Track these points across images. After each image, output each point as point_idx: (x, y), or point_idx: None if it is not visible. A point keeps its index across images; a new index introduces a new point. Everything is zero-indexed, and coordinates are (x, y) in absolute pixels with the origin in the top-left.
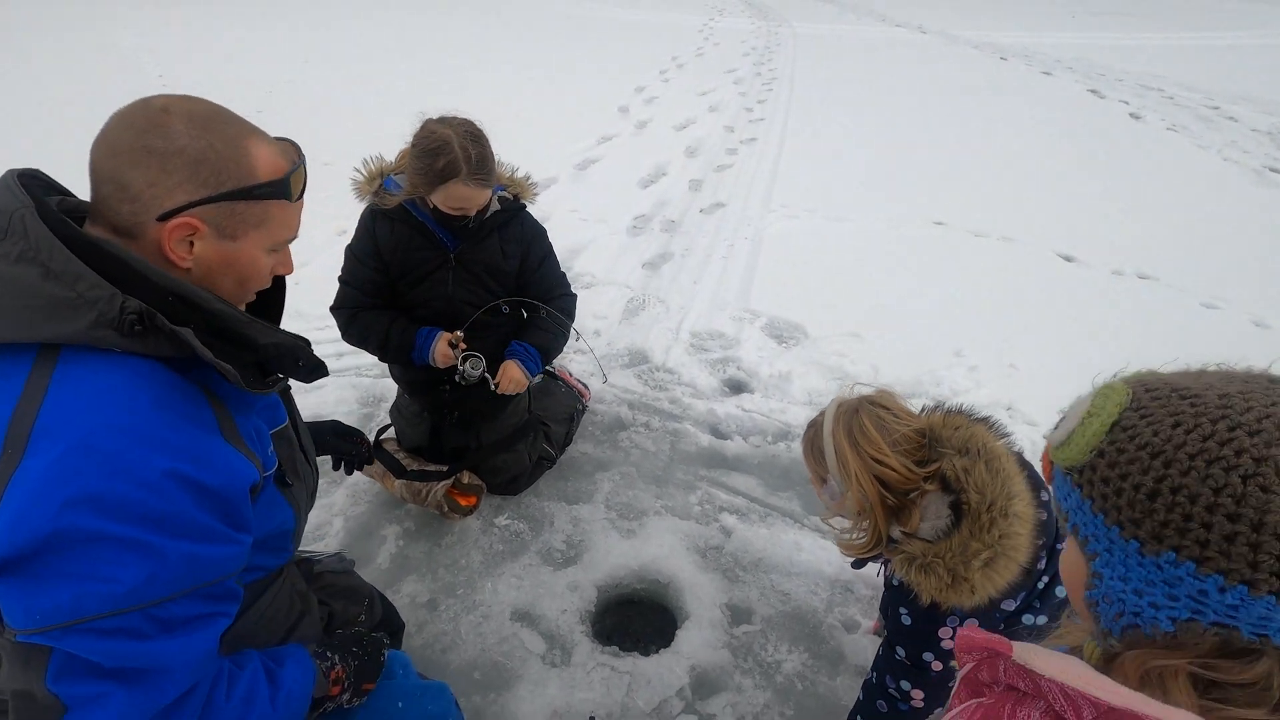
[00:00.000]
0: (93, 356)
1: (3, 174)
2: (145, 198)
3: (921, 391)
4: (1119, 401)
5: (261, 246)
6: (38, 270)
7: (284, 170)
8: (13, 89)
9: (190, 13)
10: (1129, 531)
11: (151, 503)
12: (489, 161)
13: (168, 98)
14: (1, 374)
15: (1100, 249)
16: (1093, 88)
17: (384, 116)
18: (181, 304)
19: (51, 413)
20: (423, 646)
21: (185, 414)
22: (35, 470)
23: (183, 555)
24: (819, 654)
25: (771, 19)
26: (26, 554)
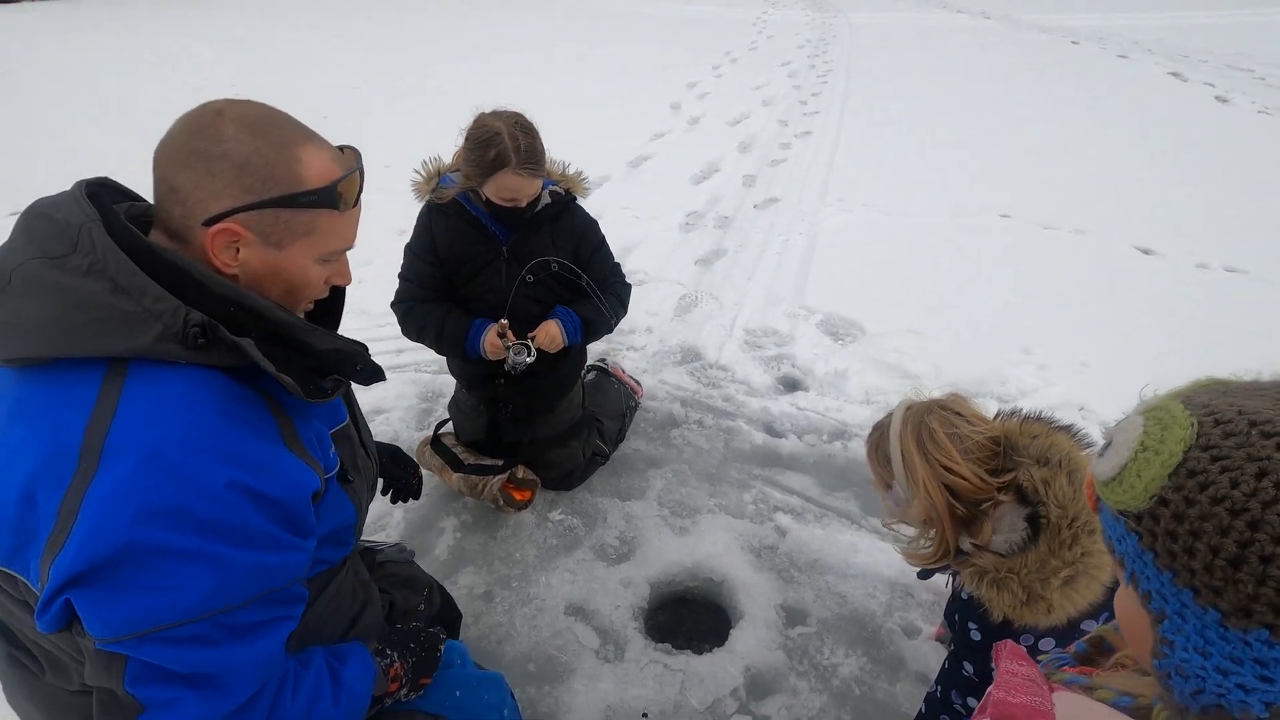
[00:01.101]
0: (159, 369)
1: (71, 186)
2: (192, 201)
3: (986, 391)
4: (1181, 436)
5: (310, 256)
6: (106, 284)
7: (334, 178)
8: (87, 95)
9: (260, 20)
10: (1206, 599)
11: (217, 514)
12: (539, 152)
13: (226, 101)
14: (74, 387)
15: (1183, 241)
16: (1174, 70)
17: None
18: (242, 312)
19: (122, 428)
20: (479, 638)
21: (247, 424)
22: (108, 485)
23: (248, 564)
24: (878, 659)
25: (827, 10)
26: (101, 566)
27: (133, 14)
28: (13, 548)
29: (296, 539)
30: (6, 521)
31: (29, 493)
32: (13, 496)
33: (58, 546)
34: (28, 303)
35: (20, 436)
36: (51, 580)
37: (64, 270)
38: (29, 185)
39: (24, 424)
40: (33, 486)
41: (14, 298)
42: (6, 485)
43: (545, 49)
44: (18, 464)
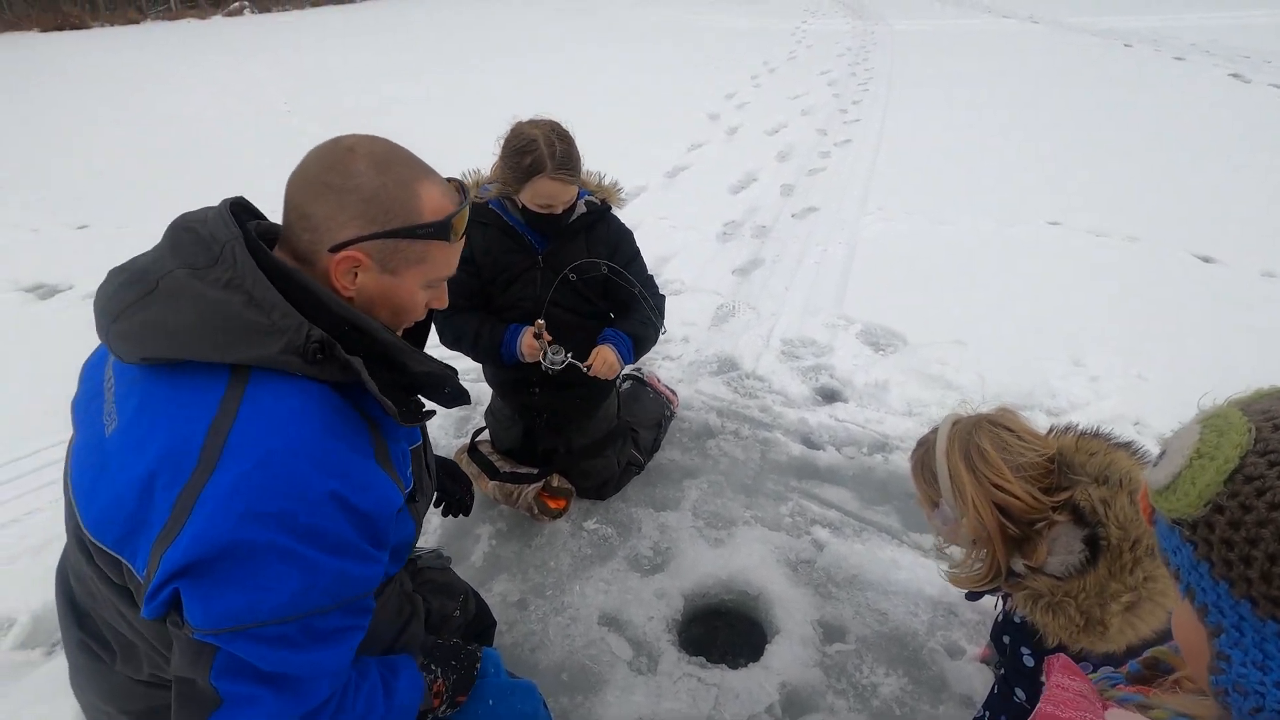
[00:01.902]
0: (277, 379)
1: (218, 204)
2: (321, 229)
3: (1035, 403)
4: (1238, 441)
5: (419, 282)
6: (242, 298)
7: (447, 212)
8: (145, 110)
9: (310, 43)
10: (1265, 610)
11: (315, 521)
12: (574, 158)
13: (356, 138)
14: (200, 389)
15: (1246, 248)
16: (1235, 71)
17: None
18: (355, 332)
19: (241, 432)
20: (512, 645)
21: (348, 439)
22: (224, 484)
23: (334, 571)
24: (919, 679)
25: (868, 18)
26: (209, 560)
27: (192, 38)
28: (125, 534)
29: (375, 551)
30: (124, 509)
31: (148, 484)
32: (134, 487)
33: (171, 537)
34: (170, 309)
35: (146, 431)
36: (162, 569)
37: (205, 281)
38: (93, 195)
39: (150, 420)
40: (152, 479)
41: (159, 303)
42: (130, 475)
43: (584, 59)
44: (142, 456)
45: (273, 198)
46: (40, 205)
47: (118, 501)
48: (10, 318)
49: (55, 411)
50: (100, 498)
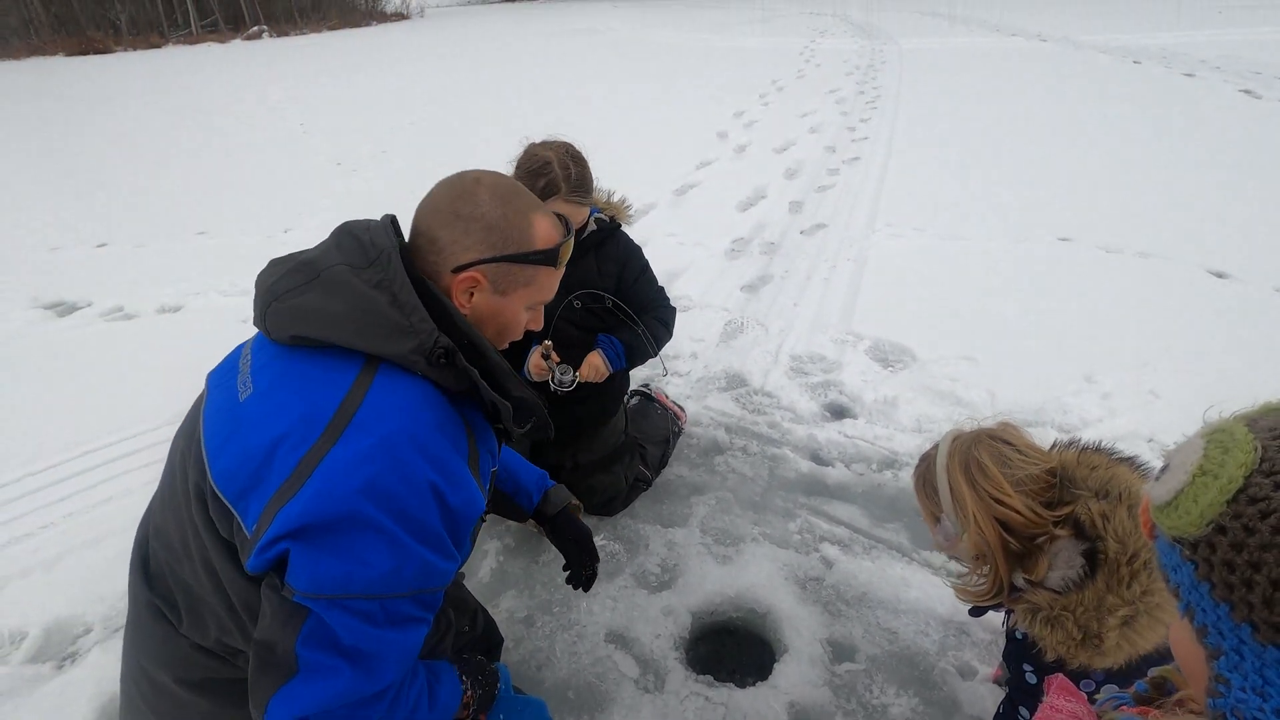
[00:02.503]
0: (401, 374)
1: (381, 218)
2: (447, 252)
3: (1045, 420)
4: (1243, 460)
5: (524, 303)
6: (388, 297)
7: (556, 241)
8: (188, 131)
9: (326, 68)
10: (1266, 636)
11: (416, 508)
12: (587, 181)
13: (481, 172)
14: (336, 371)
15: (1259, 263)
16: (1246, 88)
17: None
18: (471, 348)
19: (368, 410)
20: (519, 662)
21: (452, 438)
22: (347, 454)
23: (420, 558)
24: (930, 700)
25: (876, 38)
26: (323, 524)
27: (212, 61)
28: (243, 489)
29: (454, 549)
30: (250, 465)
31: (276, 444)
32: (263, 445)
33: (287, 496)
34: (328, 296)
35: (281, 399)
36: (276, 524)
37: (360, 278)
38: (113, 213)
39: (286, 390)
40: (281, 439)
41: (319, 291)
42: (261, 435)
43: (594, 81)
44: (275, 420)
45: (288, 212)
46: (59, 223)
47: (245, 457)
48: (28, 335)
49: (66, 431)
50: (230, 453)
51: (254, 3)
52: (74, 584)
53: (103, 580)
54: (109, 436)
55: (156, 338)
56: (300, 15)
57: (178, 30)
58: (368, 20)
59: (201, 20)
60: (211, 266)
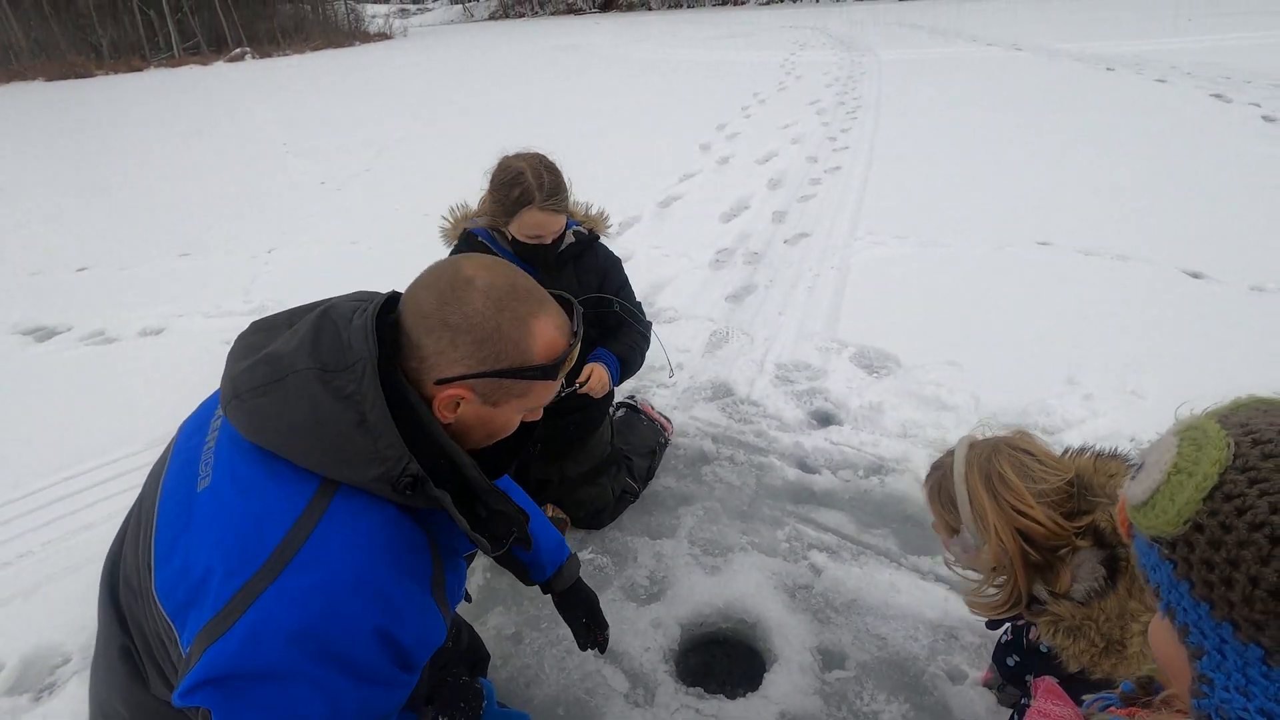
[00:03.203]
0: (361, 498)
1: (369, 308)
2: (430, 362)
3: (1030, 422)
4: (1216, 457)
5: (517, 411)
6: (355, 416)
7: (559, 352)
8: (169, 153)
9: (310, 88)
10: (1247, 634)
11: (355, 654)
12: (561, 189)
13: (475, 267)
14: (290, 487)
15: (1235, 263)
16: (1216, 92)
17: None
18: (447, 465)
19: (314, 546)
20: (507, 680)
21: (411, 570)
22: (282, 596)
23: (361, 698)
24: (921, 705)
25: (855, 49)
26: (246, 675)
27: (195, 84)
28: (181, 604)
29: (407, 676)
30: (188, 580)
31: (214, 565)
32: (202, 562)
33: (218, 633)
34: (290, 405)
35: (233, 508)
36: (201, 666)
37: (329, 388)
38: (92, 237)
39: (238, 499)
40: (219, 562)
41: (282, 395)
42: (204, 548)
43: (577, 96)
44: (219, 535)
45: (273, 232)
46: (39, 248)
47: (185, 571)
48: (7, 360)
49: (44, 457)
50: (174, 559)
51: (236, 25)
52: (53, 613)
53: (82, 608)
54: (89, 461)
55: (138, 361)
56: (283, 36)
57: (159, 53)
58: (351, 40)
59: (184, 43)
60: (195, 288)
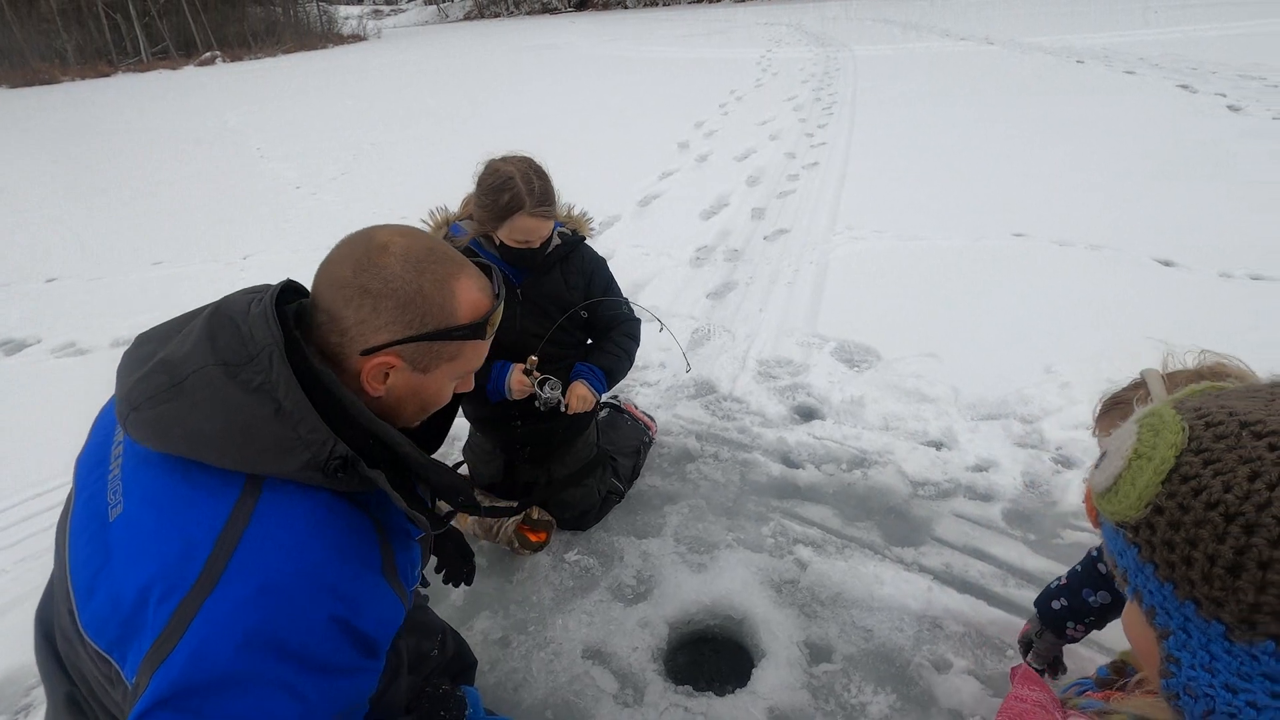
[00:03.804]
0: (291, 489)
1: (265, 297)
2: (353, 333)
3: (1009, 412)
4: (1172, 440)
5: (449, 376)
6: (270, 407)
7: (484, 312)
8: (139, 160)
9: (283, 91)
10: (1209, 611)
11: (313, 647)
12: (551, 194)
13: (390, 233)
14: (211, 494)
15: (1204, 251)
16: (1183, 83)
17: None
18: (379, 445)
19: (247, 549)
20: (495, 684)
21: (358, 556)
22: (224, 606)
23: (330, 690)
24: (908, 696)
25: (830, 45)
26: (204, 687)
27: (164, 89)
28: (118, 638)
29: (372, 663)
30: (121, 613)
31: (146, 591)
32: (132, 591)
33: (163, 655)
34: (195, 408)
35: (151, 529)
36: (151, 689)
37: (236, 382)
38: (61, 248)
39: (157, 517)
40: (151, 585)
41: (185, 398)
42: (130, 578)
43: (554, 96)
44: (147, 557)
45: (248, 239)
46: (5, 259)
47: (114, 603)
48: None
49: (19, 471)
50: (100, 594)
51: (206, 28)
52: (28, 632)
53: None
54: (63, 477)
55: (111, 373)
56: (254, 39)
57: (127, 58)
58: (324, 43)
59: (152, 47)
60: (169, 298)
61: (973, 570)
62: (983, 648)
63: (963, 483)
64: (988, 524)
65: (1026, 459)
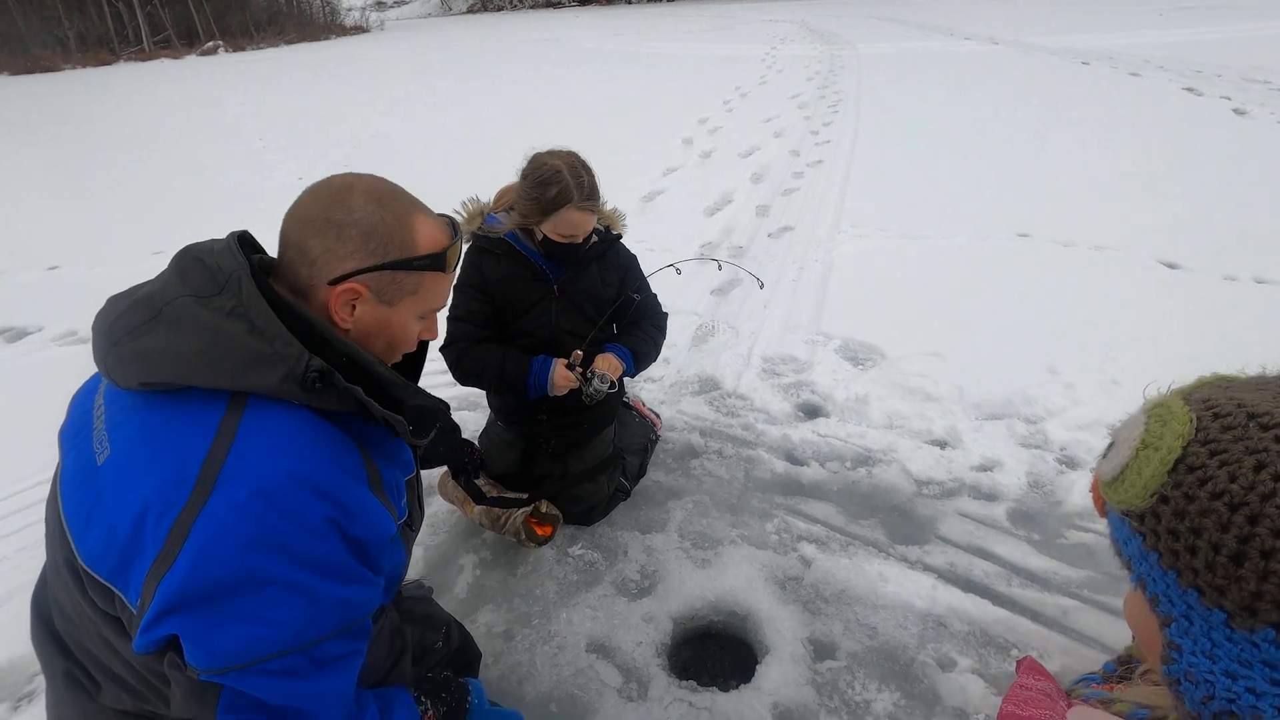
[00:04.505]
0: (273, 406)
1: (226, 236)
2: (320, 263)
3: (1012, 411)
4: (1179, 431)
5: (413, 313)
6: (244, 326)
7: (442, 245)
8: (140, 149)
9: (285, 82)
10: (1211, 599)
11: (314, 547)
12: (597, 189)
13: (354, 176)
14: (197, 416)
15: (1208, 253)
16: (1188, 85)
17: (453, 161)
18: (352, 366)
19: (237, 459)
20: (499, 678)
21: (343, 465)
22: (219, 512)
23: (336, 598)
24: (912, 694)
25: (835, 43)
26: (208, 592)
27: (166, 78)
28: (119, 565)
29: (372, 575)
30: (118, 540)
31: (142, 514)
32: (128, 518)
33: (165, 566)
34: (174, 335)
35: (141, 460)
36: (157, 600)
37: (210, 309)
38: (63, 236)
39: (145, 448)
40: (146, 508)
41: (162, 328)
42: (124, 506)
43: (558, 90)
44: (137, 486)
45: (254, 229)
46: (7, 246)
47: (111, 533)
48: None
49: (20, 460)
50: (95, 529)
51: (208, 17)
52: (28, 620)
53: None
54: None
55: None
56: (256, 29)
57: (129, 47)
58: (327, 34)
59: (154, 36)
60: None
61: (977, 569)
62: (987, 647)
63: (967, 482)
64: (992, 523)
65: (1030, 459)
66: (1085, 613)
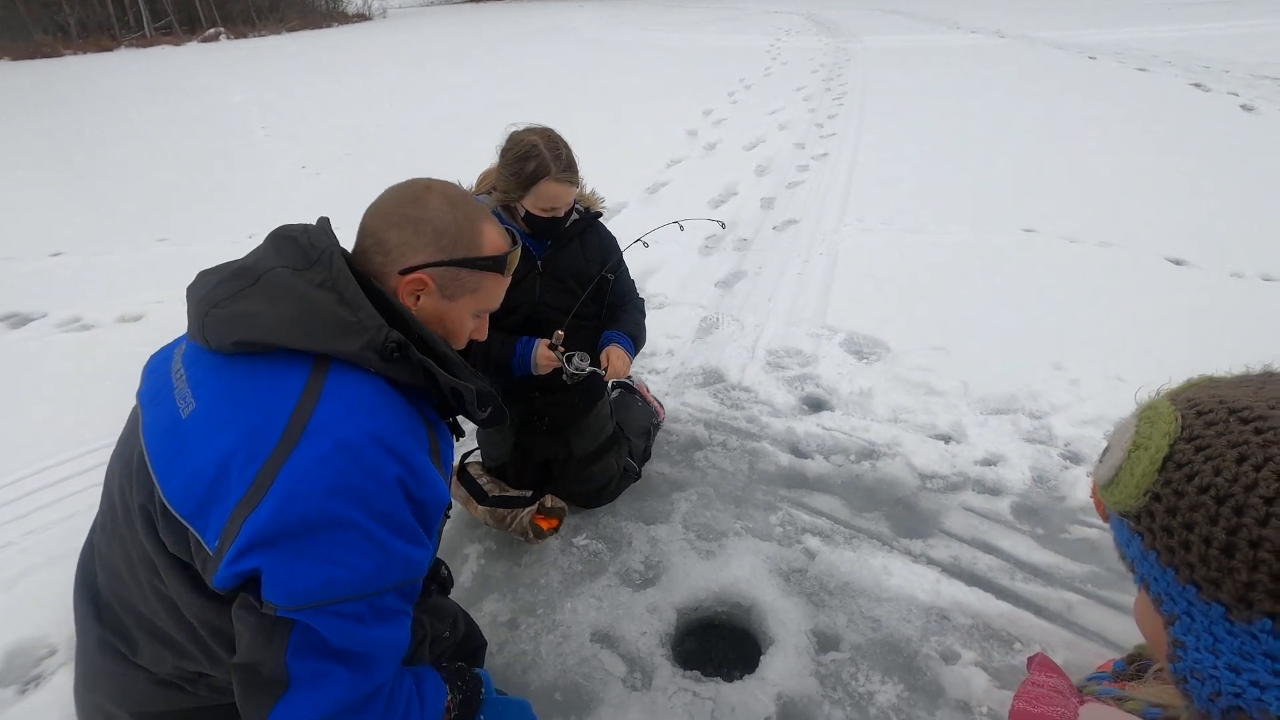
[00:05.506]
0: (353, 372)
1: (319, 219)
2: (395, 253)
3: (1017, 407)
4: (1166, 430)
5: (470, 310)
6: (334, 296)
7: (504, 249)
8: (143, 137)
9: (287, 70)
10: (1208, 593)
11: (387, 501)
12: (574, 161)
13: (431, 180)
14: (284, 376)
15: (1215, 250)
16: (1196, 81)
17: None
18: (422, 344)
19: (323, 414)
20: (504, 666)
21: (411, 432)
22: (306, 459)
23: (400, 553)
24: (915, 686)
25: (840, 35)
26: (293, 531)
27: (167, 65)
28: (199, 505)
29: (428, 538)
30: (202, 482)
31: (227, 460)
32: (213, 462)
33: (250, 506)
34: (271, 300)
35: (228, 411)
36: (243, 534)
37: (303, 280)
38: (66, 222)
39: (232, 401)
40: (232, 455)
41: (259, 294)
42: (210, 451)
43: (561, 80)
44: (223, 434)
45: (252, 217)
46: (10, 232)
47: (197, 474)
48: None
49: (27, 446)
50: (180, 471)
51: (210, 3)
52: (37, 604)
53: (67, 599)
54: (70, 450)
55: (117, 347)
56: (258, 16)
57: (130, 33)
58: (329, 21)
59: (155, 22)
60: (173, 274)
61: (980, 563)
62: (990, 640)
63: (971, 476)
64: (996, 518)
65: (1035, 454)
66: (1089, 608)
